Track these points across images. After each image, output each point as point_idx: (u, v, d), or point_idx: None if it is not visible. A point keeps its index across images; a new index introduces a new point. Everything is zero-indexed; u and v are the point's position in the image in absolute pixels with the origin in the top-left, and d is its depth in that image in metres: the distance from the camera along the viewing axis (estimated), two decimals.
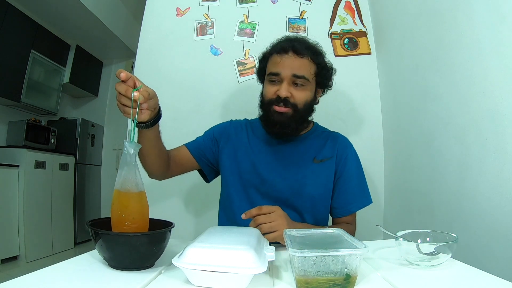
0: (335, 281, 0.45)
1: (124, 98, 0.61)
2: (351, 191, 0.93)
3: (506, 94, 0.79)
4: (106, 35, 3.37)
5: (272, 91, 0.87)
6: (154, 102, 0.66)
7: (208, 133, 1.02)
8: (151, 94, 0.64)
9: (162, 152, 0.84)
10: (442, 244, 0.56)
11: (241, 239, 0.53)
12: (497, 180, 0.81)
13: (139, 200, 0.57)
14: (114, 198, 0.57)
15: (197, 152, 0.96)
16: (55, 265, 0.53)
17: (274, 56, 0.89)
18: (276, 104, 0.86)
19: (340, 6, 1.60)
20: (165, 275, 0.52)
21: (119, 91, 0.61)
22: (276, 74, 0.86)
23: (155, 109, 0.69)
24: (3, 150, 2.74)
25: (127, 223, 0.55)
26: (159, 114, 0.72)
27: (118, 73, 0.59)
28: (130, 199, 0.56)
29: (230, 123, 1.05)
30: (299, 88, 0.87)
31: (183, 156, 0.95)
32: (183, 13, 1.60)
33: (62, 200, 3.05)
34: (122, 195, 0.56)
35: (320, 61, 0.90)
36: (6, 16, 2.64)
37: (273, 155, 0.94)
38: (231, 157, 0.96)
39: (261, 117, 0.93)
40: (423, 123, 1.18)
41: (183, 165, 0.95)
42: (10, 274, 2.10)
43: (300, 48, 0.86)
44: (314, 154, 0.93)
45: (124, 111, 0.63)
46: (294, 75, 0.85)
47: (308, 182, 0.90)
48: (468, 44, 0.92)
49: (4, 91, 2.70)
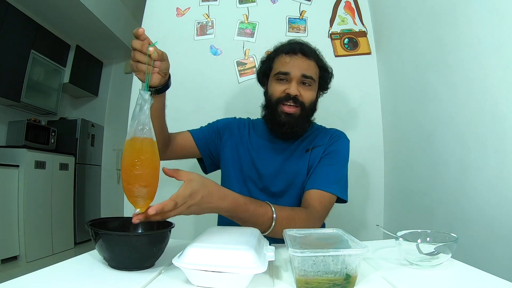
0: (335, 281, 0.45)
1: (139, 53, 0.62)
2: (325, 171, 0.89)
3: (506, 94, 0.79)
4: (106, 35, 3.37)
5: (281, 90, 0.90)
6: (165, 66, 0.68)
7: (212, 126, 1.03)
8: (163, 56, 0.66)
9: (164, 127, 0.85)
10: (442, 244, 0.56)
11: (241, 239, 0.53)
12: (497, 180, 0.81)
13: (152, 146, 0.55)
14: (126, 147, 0.55)
15: (201, 141, 0.98)
16: (55, 265, 0.53)
17: (282, 57, 0.92)
18: (285, 102, 0.89)
19: (340, 6, 1.60)
20: (165, 275, 0.52)
21: (135, 47, 0.62)
22: (286, 73, 0.89)
23: (166, 75, 0.71)
24: (3, 150, 2.74)
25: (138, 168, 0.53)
26: (168, 83, 0.73)
27: (136, 30, 0.60)
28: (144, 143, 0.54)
29: (234, 119, 1.08)
30: (306, 88, 0.90)
31: (186, 141, 0.97)
32: (183, 13, 1.60)
33: (62, 200, 3.05)
34: (136, 140, 0.54)
35: (323, 65, 0.95)
36: (6, 16, 2.64)
37: (271, 152, 0.97)
38: (233, 150, 0.99)
39: (266, 117, 0.95)
40: (423, 123, 1.18)
41: (185, 149, 0.97)
42: (10, 274, 2.10)
43: (308, 51, 0.91)
44: (308, 146, 0.95)
45: (137, 68, 0.64)
46: (303, 75, 0.89)
47: (301, 172, 0.93)
48: (468, 44, 0.92)
49: (4, 91, 2.70)
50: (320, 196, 0.83)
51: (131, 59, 0.64)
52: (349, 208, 1.48)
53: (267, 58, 0.97)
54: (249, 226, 0.67)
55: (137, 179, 0.53)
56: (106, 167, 3.86)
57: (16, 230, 2.50)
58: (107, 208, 3.75)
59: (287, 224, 0.70)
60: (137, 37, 0.61)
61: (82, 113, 3.87)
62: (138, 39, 0.61)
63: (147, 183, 0.54)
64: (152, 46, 0.61)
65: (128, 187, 0.54)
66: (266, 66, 0.97)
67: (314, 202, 0.82)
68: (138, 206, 0.54)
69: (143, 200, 0.54)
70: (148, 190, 0.54)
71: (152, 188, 0.55)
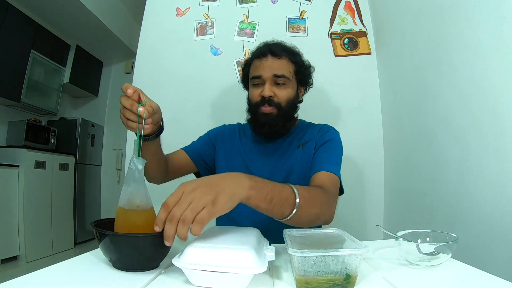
0: (335, 281, 0.45)
1: (129, 112, 0.61)
2: (325, 156, 0.89)
3: (506, 94, 0.79)
4: (106, 35, 3.37)
5: (257, 94, 0.93)
6: (157, 117, 0.67)
7: (203, 138, 1.05)
8: (155, 109, 0.64)
9: (162, 160, 0.86)
10: (442, 244, 0.56)
11: (241, 239, 0.53)
12: (497, 180, 0.81)
13: (151, 216, 0.55)
14: (119, 216, 0.55)
15: (195, 156, 1.00)
16: (55, 265, 0.53)
17: (254, 61, 0.95)
18: (262, 105, 0.91)
19: (340, 6, 1.60)
20: (165, 275, 0.52)
21: (124, 105, 0.60)
22: (258, 77, 0.92)
23: (158, 123, 0.71)
24: (3, 150, 2.74)
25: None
26: (161, 127, 0.73)
27: (125, 88, 0.59)
28: (141, 216, 0.54)
29: (224, 127, 1.09)
30: (281, 87, 0.92)
31: (182, 160, 0.98)
32: (183, 13, 1.60)
33: (62, 200, 3.05)
34: (131, 212, 0.54)
35: (297, 60, 0.95)
36: (6, 16, 2.64)
37: (262, 153, 0.98)
38: (226, 157, 1.01)
39: (249, 120, 0.98)
40: (423, 123, 1.18)
41: (182, 168, 0.99)
42: (10, 274, 2.10)
43: (276, 50, 0.93)
44: (298, 143, 0.97)
45: (127, 125, 0.63)
46: (274, 75, 0.91)
47: (295, 168, 0.93)
48: (468, 44, 0.92)
49: (4, 91, 2.70)
50: (328, 176, 0.81)
51: (121, 115, 0.62)
52: (349, 208, 1.48)
53: (245, 65, 1.01)
54: (272, 210, 0.58)
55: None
56: (106, 167, 3.86)
57: (16, 230, 2.50)
58: (107, 208, 3.75)
59: (310, 198, 0.64)
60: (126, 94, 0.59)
61: (82, 113, 3.87)
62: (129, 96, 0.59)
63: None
64: (142, 106, 0.59)
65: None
66: (244, 72, 1.01)
67: (325, 182, 0.79)
68: None
69: None
70: None
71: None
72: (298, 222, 0.64)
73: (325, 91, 1.51)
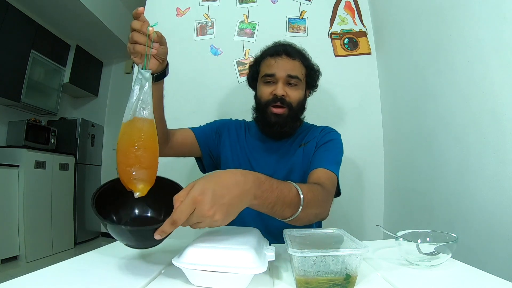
0: (335, 281, 0.45)
1: (137, 34, 0.59)
2: (325, 155, 0.89)
3: (506, 94, 0.79)
4: (106, 35, 3.37)
5: (268, 92, 0.92)
6: (164, 51, 0.66)
7: (211, 125, 1.05)
8: (163, 39, 0.65)
9: (162, 119, 0.82)
10: (442, 244, 0.56)
11: (241, 239, 0.53)
12: (497, 180, 0.81)
13: (153, 127, 0.53)
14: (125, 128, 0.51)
15: (202, 139, 0.99)
16: (55, 265, 0.53)
17: (268, 59, 0.95)
18: (273, 103, 0.91)
19: (340, 6, 1.60)
20: (165, 275, 0.52)
21: (134, 27, 0.59)
22: (271, 75, 0.92)
23: (163, 62, 0.69)
24: (3, 150, 2.74)
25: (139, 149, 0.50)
26: (166, 70, 0.72)
27: (136, 10, 0.58)
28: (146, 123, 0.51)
29: (231, 120, 1.09)
30: (292, 88, 0.92)
31: (186, 138, 0.96)
32: (183, 13, 1.60)
33: (62, 200, 3.05)
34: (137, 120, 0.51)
35: (309, 64, 0.97)
36: (6, 16, 2.65)
37: (266, 151, 0.99)
38: (233, 150, 1.01)
39: (257, 119, 0.98)
40: (423, 123, 1.18)
41: (185, 146, 0.96)
42: (10, 274, 2.10)
43: (292, 52, 0.93)
44: (300, 142, 0.98)
45: (134, 50, 0.60)
46: (288, 75, 0.91)
47: (296, 167, 0.94)
48: (468, 44, 0.92)
49: (4, 91, 2.70)
50: (326, 173, 0.82)
51: (129, 41, 0.61)
52: (349, 208, 1.48)
53: (255, 62, 1.01)
54: (273, 214, 0.59)
55: (138, 160, 0.50)
56: (106, 167, 3.86)
57: (16, 230, 2.50)
58: None
59: (312, 197, 0.64)
60: (136, 18, 0.59)
61: (82, 113, 3.87)
62: (138, 19, 0.59)
63: (148, 164, 0.51)
64: (152, 27, 0.59)
65: (126, 170, 0.51)
66: (253, 70, 1.00)
67: (323, 179, 0.80)
68: (138, 189, 0.51)
69: (143, 183, 0.51)
70: (148, 172, 0.52)
71: (153, 171, 0.52)
72: (298, 222, 0.65)
73: (325, 91, 1.51)
